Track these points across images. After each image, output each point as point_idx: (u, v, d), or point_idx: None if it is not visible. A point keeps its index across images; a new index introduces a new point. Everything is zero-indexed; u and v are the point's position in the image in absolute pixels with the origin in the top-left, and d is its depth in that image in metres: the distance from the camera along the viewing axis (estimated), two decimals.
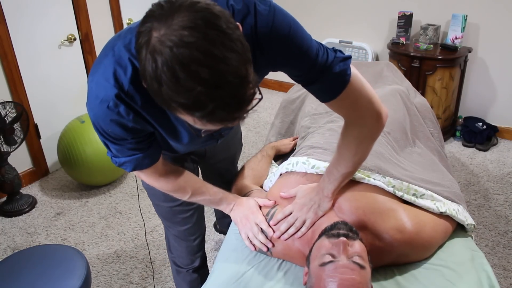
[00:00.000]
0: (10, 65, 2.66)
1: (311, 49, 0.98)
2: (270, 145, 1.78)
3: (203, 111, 0.72)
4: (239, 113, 0.75)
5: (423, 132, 1.85)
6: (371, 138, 1.15)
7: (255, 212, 1.34)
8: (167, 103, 0.74)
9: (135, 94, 0.92)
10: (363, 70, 2.24)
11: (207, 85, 0.69)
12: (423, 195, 1.35)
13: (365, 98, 1.08)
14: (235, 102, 0.72)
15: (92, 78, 0.94)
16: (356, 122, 1.12)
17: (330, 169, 1.23)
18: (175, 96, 0.71)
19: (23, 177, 2.89)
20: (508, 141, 3.30)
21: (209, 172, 1.62)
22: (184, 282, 1.68)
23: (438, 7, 3.27)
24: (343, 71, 1.02)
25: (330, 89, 1.04)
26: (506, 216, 2.47)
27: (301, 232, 1.25)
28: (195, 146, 1.27)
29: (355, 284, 0.99)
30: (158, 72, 0.70)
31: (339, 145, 1.19)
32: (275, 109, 3.68)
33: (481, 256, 1.29)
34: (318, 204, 1.26)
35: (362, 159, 1.19)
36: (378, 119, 1.12)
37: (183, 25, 0.69)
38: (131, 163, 1.09)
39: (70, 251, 1.69)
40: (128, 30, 0.95)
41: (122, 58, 0.91)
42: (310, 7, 3.88)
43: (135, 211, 2.64)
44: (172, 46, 0.68)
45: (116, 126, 0.97)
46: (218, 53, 0.69)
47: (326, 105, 1.09)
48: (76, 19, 2.99)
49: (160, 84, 0.71)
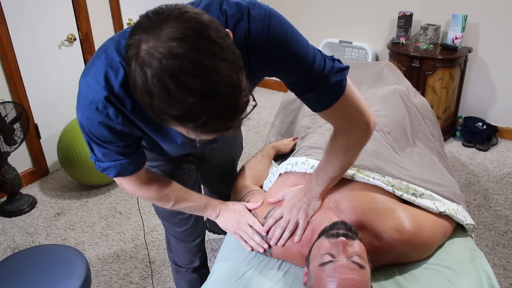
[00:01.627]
0: (10, 65, 2.67)
1: (307, 56, 0.97)
2: (270, 145, 1.78)
3: (195, 122, 0.71)
4: (233, 123, 0.74)
5: (423, 132, 1.85)
6: (359, 146, 1.17)
7: (246, 215, 1.33)
8: (159, 115, 0.73)
9: (125, 98, 0.91)
10: (363, 70, 2.25)
11: (199, 96, 0.68)
12: (423, 195, 1.35)
13: (357, 109, 1.08)
14: (228, 111, 0.71)
15: (83, 79, 0.94)
16: (346, 132, 1.13)
17: (317, 172, 1.25)
18: (167, 108, 0.70)
19: (23, 177, 2.89)
20: (508, 141, 3.30)
21: (208, 174, 1.62)
22: (184, 281, 1.68)
23: (438, 7, 3.27)
24: (339, 82, 1.02)
25: (324, 99, 1.04)
26: (506, 216, 2.47)
27: (298, 236, 1.25)
28: (189, 149, 1.26)
29: (355, 284, 0.99)
30: (148, 84, 0.69)
31: (327, 151, 1.20)
32: (275, 109, 3.68)
33: (481, 256, 1.29)
34: (307, 204, 1.26)
35: (349, 164, 1.21)
36: (367, 129, 1.13)
37: (171, 36, 0.68)
38: (115, 168, 1.07)
39: (70, 251, 1.69)
40: (121, 33, 0.94)
41: (114, 61, 0.90)
42: (310, 7, 3.88)
43: (135, 211, 2.64)
44: (161, 58, 0.67)
45: (104, 129, 0.96)
46: (208, 63, 0.68)
47: (319, 115, 1.09)
48: (76, 19, 2.99)
49: (151, 97, 0.70)
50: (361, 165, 1.37)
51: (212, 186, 1.74)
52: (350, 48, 3.80)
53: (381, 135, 1.62)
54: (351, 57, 3.85)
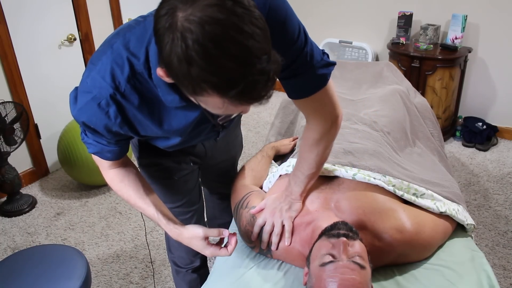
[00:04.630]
0: (10, 65, 2.66)
1: (299, 40, 0.98)
2: (270, 145, 1.78)
3: (234, 90, 0.71)
4: (266, 91, 0.74)
5: (423, 132, 1.85)
6: (330, 139, 1.19)
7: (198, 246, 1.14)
8: (195, 85, 0.72)
9: (132, 94, 0.92)
10: (363, 70, 2.25)
11: (239, 62, 0.69)
12: (423, 195, 1.35)
13: (331, 102, 1.12)
14: (263, 79, 0.72)
15: (88, 74, 0.94)
16: (317, 124, 1.15)
17: (294, 173, 1.26)
18: (206, 76, 0.70)
19: (23, 177, 2.89)
20: (508, 141, 3.30)
21: (209, 174, 1.62)
22: (184, 282, 1.68)
23: (438, 7, 3.27)
24: (324, 75, 1.05)
25: (306, 87, 1.06)
26: (506, 216, 2.47)
27: (288, 239, 1.25)
28: (194, 139, 1.23)
29: (356, 284, 0.99)
30: (189, 51, 0.69)
31: (301, 149, 1.23)
32: (275, 109, 3.68)
33: (481, 256, 1.29)
34: (289, 206, 1.27)
35: (323, 159, 1.22)
36: (336, 121, 1.16)
37: (209, 3, 0.69)
38: (96, 147, 1.08)
39: (70, 251, 1.69)
40: (127, 28, 0.94)
41: (120, 57, 0.90)
42: (310, 7, 3.87)
43: (135, 211, 2.64)
44: (203, 24, 0.68)
45: (100, 125, 0.97)
46: (247, 29, 0.69)
47: (294, 102, 1.13)
48: (76, 19, 2.99)
49: (190, 65, 0.69)
50: (362, 165, 1.37)
51: (213, 186, 1.74)
52: (350, 48, 3.80)
53: (381, 135, 1.62)
54: (351, 57, 3.85)
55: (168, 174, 1.38)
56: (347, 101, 1.90)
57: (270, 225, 1.27)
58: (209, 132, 1.23)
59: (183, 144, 1.22)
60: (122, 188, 1.16)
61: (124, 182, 1.16)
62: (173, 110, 1.01)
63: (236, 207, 1.43)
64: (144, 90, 0.94)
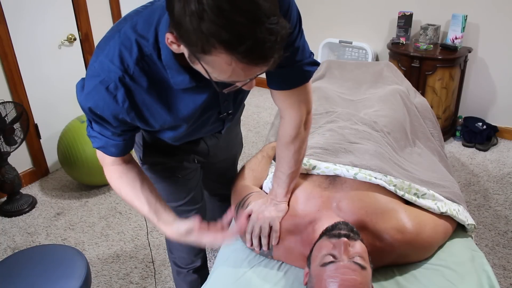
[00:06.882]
0: (10, 65, 2.66)
1: (296, 31, 1.01)
2: (270, 145, 1.77)
3: (242, 45, 0.72)
4: (273, 52, 0.76)
5: (423, 132, 1.85)
6: (304, 135, 1.23)
7: None
8: (205, 41, 0.73)
9: (141, 76, 0.93)
10: (363, 70, 2.25)
11: (249, 17, 0.71)
12: (425, 195, 1.35)
13: (307, 98, 1.17)
14: (272, 39, 0.74)
15: (95, 58, 0.94)
16: (293, 119, 1.19)
17: (276, 174, 1.29)
18: (217, 30, 0.71)
19: (23, 177, 2.89)
20: (508, 141, 3.30)
21: (210, 174, 1.62)
22: (184, 282, 1.68)
23: (438, 7, 3.27)
24: (309, 72, 1.11)
25: (288, 81, 1.10)
26: (506, 216, 2.47)
27: (275, 239, 1.26)
28: (200, 130, 1.23)
29: (356, 285, 0.99)
30: (202, 6, 0.70)
31: (278, 148, 1.26)
32: (275, 109, 3.68)
33: (481, 256, 1.30)
34: (274, 207, 1.28)
35: (301, 155, 1.26)
36: (308, 117, 1.21)
37: None
38: (100, 141, 1.08)
39: (70, 251, 1.69)
40: (135, 13, 0.95)
41: (128, 39, 0.91)
42: (310, 7, 3.88)
43: (135, 211, 2.64)
44: None
45: (106, 109, 0.97)
46: None
47: (272, 93, 1.17)
48: (76, 19, 2.99)
49: (201, 19, 0.71)
50: (363, 165, 1.37)
51: (213, 187, 1.74)
52: (350, 48, 3.80)
53: (381, 135, 1.62)
54: (351, 57, 3.85)
55: (171, 173, 1.39)
56: (347, 101, 1.90)
57: (258, 229, 1.28)
58: (214, 122, 1.22)
59: (189, 136, 1.22)
60: (120, 185, 1.16)
61: (122, 179, 1.16)
62: (181, 94, 1.01)
63: (237, 207, 1.43)
64: (152, 72, 0.95)
